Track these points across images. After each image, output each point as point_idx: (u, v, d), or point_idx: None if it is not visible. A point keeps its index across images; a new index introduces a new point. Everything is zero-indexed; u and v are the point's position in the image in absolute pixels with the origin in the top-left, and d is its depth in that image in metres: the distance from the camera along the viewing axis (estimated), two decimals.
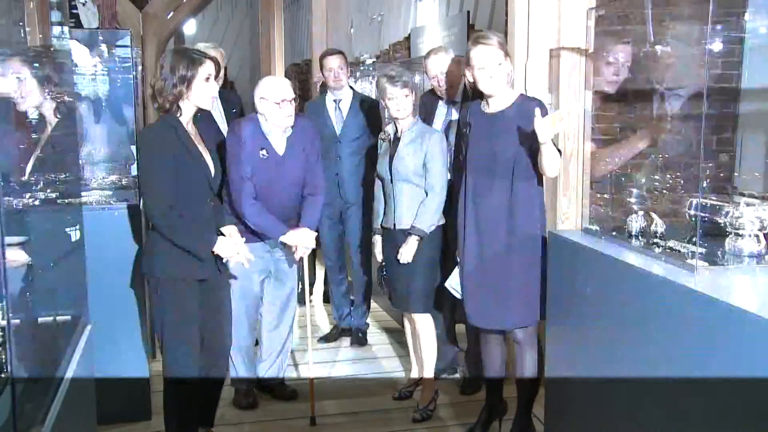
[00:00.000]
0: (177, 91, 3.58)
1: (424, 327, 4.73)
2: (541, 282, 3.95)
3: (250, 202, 4.35)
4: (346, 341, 6.16)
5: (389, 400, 5.02)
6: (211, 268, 3.80)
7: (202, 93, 3.65)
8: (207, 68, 3.64)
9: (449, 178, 4.51)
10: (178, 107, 3.63)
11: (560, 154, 3.82)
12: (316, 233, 4.61)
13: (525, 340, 4.05)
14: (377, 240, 4.87)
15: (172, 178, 3.56)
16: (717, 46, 3.89)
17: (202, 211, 3.78)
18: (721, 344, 2.43)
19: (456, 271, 4.26)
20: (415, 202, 4.53)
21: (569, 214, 4.65)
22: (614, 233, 3.53)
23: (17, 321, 2.40)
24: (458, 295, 4.25)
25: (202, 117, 5.20)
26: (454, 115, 4.95)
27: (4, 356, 2.21)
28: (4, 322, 2.17)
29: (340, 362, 5.81)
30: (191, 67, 3.59)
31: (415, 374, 5.06)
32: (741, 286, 2.65)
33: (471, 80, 3.96)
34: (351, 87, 5.94)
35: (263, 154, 4.40)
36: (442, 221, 4.51)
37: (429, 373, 4.82)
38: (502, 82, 3.84)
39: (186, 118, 3.70)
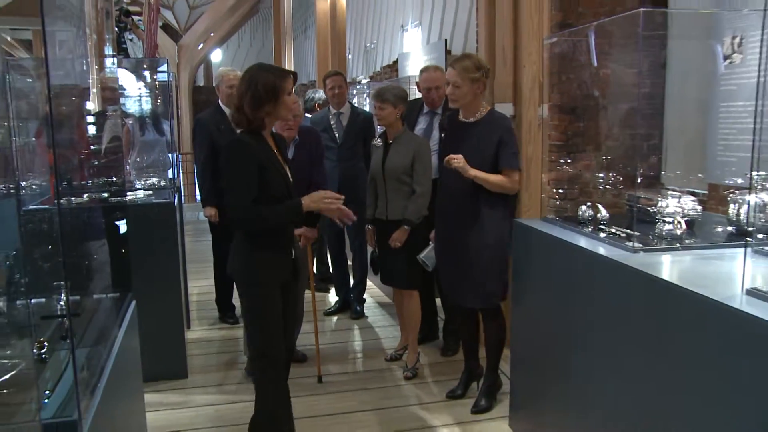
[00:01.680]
0: (267, 106, 3.16)
1: (410, 300, 4.76)
2: (505, 267, 3.99)
3: None
4: (346, 314, 6.19)
5: (382, 362, 5.05)
6: (289, 272, 3.40)
7: (286, 106, 3.25)
8: (289, 82, 3.24)
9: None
10: (263, 121, 3.22)
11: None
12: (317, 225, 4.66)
13: (490, 312, 4.10)
14: (369, 229, 4.90)
15: (255, 184, 3.13)
16: (645, 69, 3.93)
17: None
18: (652, 310, 2.46)
19: (428, 249, 4.35)
20: (404, 197, 4.55)
21: (530, 206, 4.68)
22: (567, 221, 3.54)
23: (77, 298, 2.44)
24: (428, 269, 4.40)
25: (226, 131, 5.25)
26: (434, 124, 4.99)
27: (66, 326, 2.24)
28: (65, 299, 2.20)
29: (341, 331, 5.83)
30: (279, 82, 3.18)
31: (403, 340, 5.08)
32: (668, 263, 2.68)
33: None
34: (349, 102, 5.95)
35: None
36: (426, 213, 4.53)
37: (414, 338, 4.86)
38: (460, 98, 3.87)
39: (267, 131, 3.30)
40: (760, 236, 2.84)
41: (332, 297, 6.58)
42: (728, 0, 3.62)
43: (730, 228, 3.06)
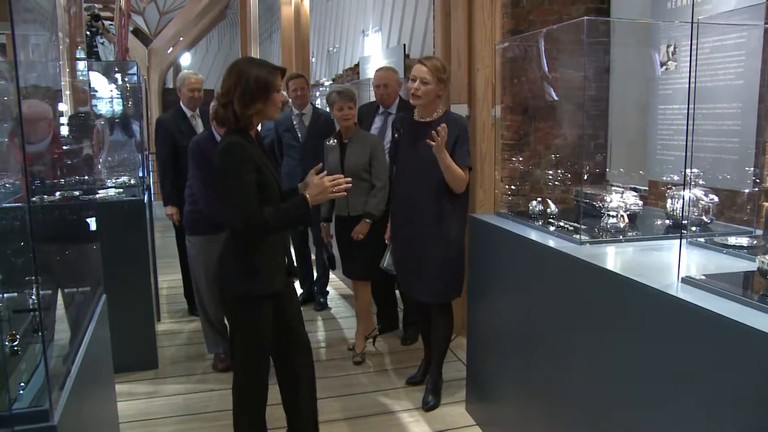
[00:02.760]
0: (257, 103, 2.83)
1: (363, 290, 4.80)
2: (461, 264, 3.94)
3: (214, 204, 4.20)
4: (310, 306, 6.18)
5: (344, 351, 5.05)
6: (282, 278, 3.10)
7: (275, 104, 2.91)
8: (279, 78, 2.90)
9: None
10: (251, 119, 2.88)
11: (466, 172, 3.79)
12: None
13: (441, 308, 4.06)
14: (324, 226, 4.89)
15: (256, 188, 2.81)
16: (590, 73, 3.99)
17: None
18: (598, 298, 2.51)
19: (388, 254, 4.28)
20: (364, 193, 4.55)
21: (485, 201, 4.72)
22: (519, 215, 3.58)
23: (48, 292, 2.41)
24: (394, 273, 4.28)
25: (187, 134, 5.19)
26: (388, 123, 5.02)
27: (37, 319, 2.21)
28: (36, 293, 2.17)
29: (305, 322, 5.76)
30: (270, 78, 2.85)
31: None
32: (612, 254, 2.73)
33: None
34: (311, 103, 5.94)
35: None
36: (384, 207, 4.52)
37: (362, 326, 4.92)
38: (424, 96, 3.76)
39: (254, 131, 2.96)
40: (694, 229, 2.91)
41: (296, 289, 6.56)
42: (663, 11, 3.69)
43: (667, 221, 3.14)
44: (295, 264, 6.39)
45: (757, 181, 3.00)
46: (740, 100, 3.08)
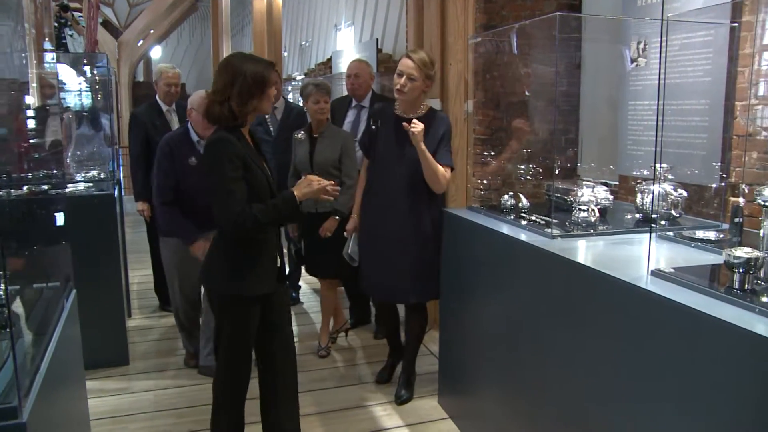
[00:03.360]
0: (254, 100, 2.80)
1: (329, 288, 4.82)
2: (437, 264, 3.81)
3: (166, 208, 4.16)
4: None
5: (317, 346, 5.01)
6: (272, 281, 3.02)
7: (270, 99, 2.87)
8: (274, 73, 2.87)
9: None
10: (247, 116, 2.84)
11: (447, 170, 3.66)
12: None
13: (416, 307, 4.02)
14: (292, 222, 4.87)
15: (244, 186, 2.76)
16: (562, 69, 4.02)
17: None
18: (569, 291, 2.53)
19: (350, 243, 4.13)
20: None
21: (456, 196, 4.73)
22: (491, 210, 3.58)
23: (17, 287, 2.37)
24: (354, 264, 4.14)
25: (161, 129, 5.13)
26: (361, 117, 5.02)
27: (6, 315, 2.18)
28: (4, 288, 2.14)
29: None
30: (266, 73, 2.81)
31: (335, 324, 5.07)
32: (583, 248, 2.75)
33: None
34: (284, 97, 5.91)
35: (192, 161, 4.12)
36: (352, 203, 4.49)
37: (326, 322, 4.94)
38: (409, 92, 3.61)
39: (246, 127, 2.91)
40: (663, 223, 2.95)
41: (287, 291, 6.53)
42: (634, 8, 3.74)
43: (637, 215, 3.18)
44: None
45: (724, 176, 3.05)
46: (708, 96, 3.13)
